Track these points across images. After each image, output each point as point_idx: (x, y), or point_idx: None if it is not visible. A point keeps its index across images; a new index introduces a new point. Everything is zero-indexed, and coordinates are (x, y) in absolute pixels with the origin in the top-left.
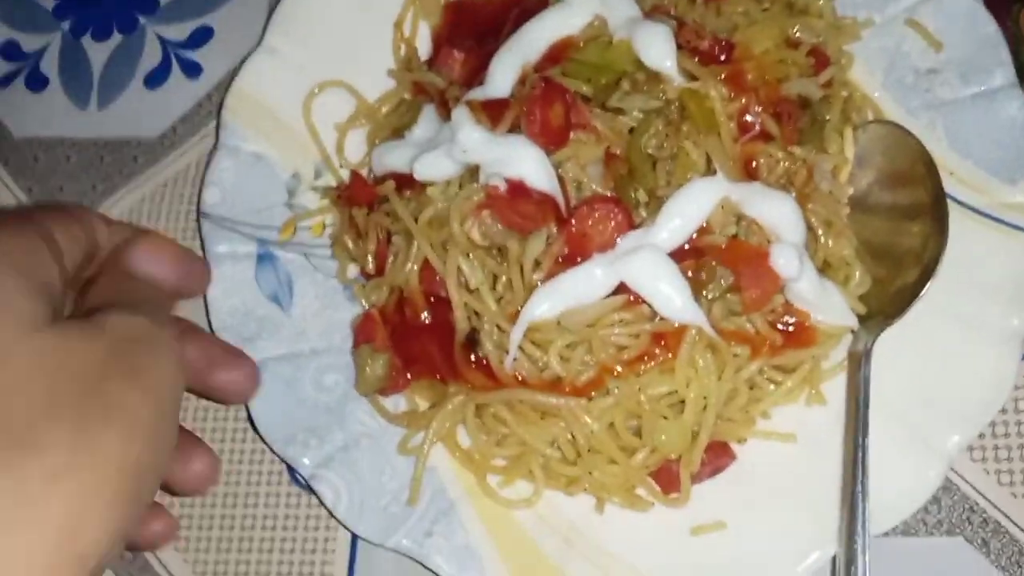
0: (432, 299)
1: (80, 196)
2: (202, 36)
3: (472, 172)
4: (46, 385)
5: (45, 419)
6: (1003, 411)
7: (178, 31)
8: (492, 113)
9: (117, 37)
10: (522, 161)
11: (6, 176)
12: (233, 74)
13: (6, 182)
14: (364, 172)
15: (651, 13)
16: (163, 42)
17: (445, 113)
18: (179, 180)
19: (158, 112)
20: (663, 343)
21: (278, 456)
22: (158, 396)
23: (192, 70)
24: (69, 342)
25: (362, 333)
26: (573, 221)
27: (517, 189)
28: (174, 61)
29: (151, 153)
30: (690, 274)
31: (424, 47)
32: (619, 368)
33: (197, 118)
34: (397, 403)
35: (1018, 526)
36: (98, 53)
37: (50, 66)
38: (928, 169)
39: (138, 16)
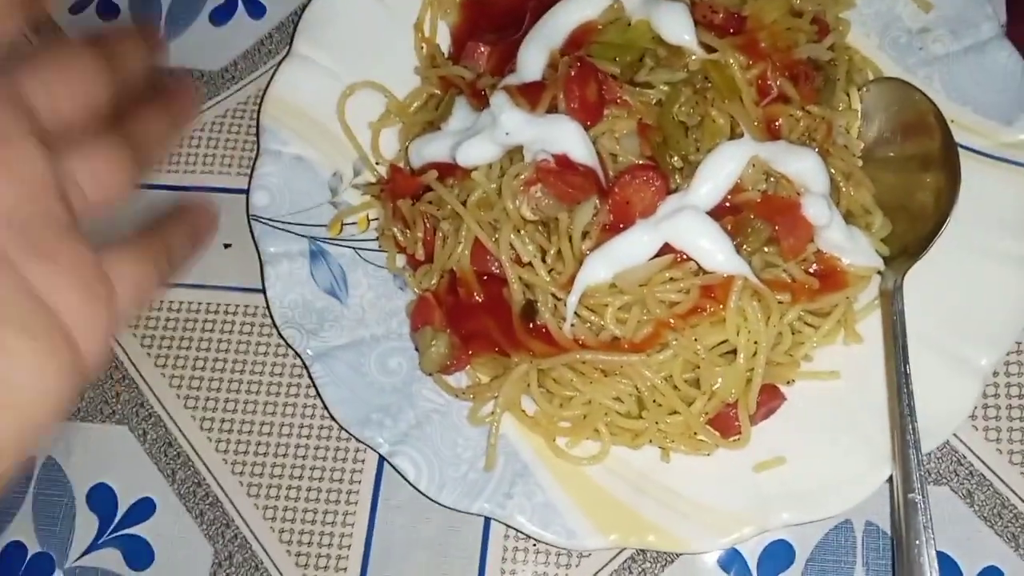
0: (484, 277)
1: None
2: None
3: (512, 155)
4: None
5: None
6: (994, 373)
7: None
8: (529, 96)
9: None
10: (564, 137)
11: None
12: (295, 16)
13: None
14: (400, 166)
15: None
16: None
17: (477, 103)
18: (238, 112)
19: (221, 47)
20: (712, 296)
21: (355, 438)
22: None
23: (257, 10)
24: None
25: (419, 316)
26: (616, 189)
27: (563, 162)
28: (240, 0)
29: (212, 84)
30: (730, 228)
31: (444, 44)
32: (673, 322)
33: (258, 56)
34: (459, 380)
35: (1002, 480)
36: None
37: None
38: (937, 119)
39: None
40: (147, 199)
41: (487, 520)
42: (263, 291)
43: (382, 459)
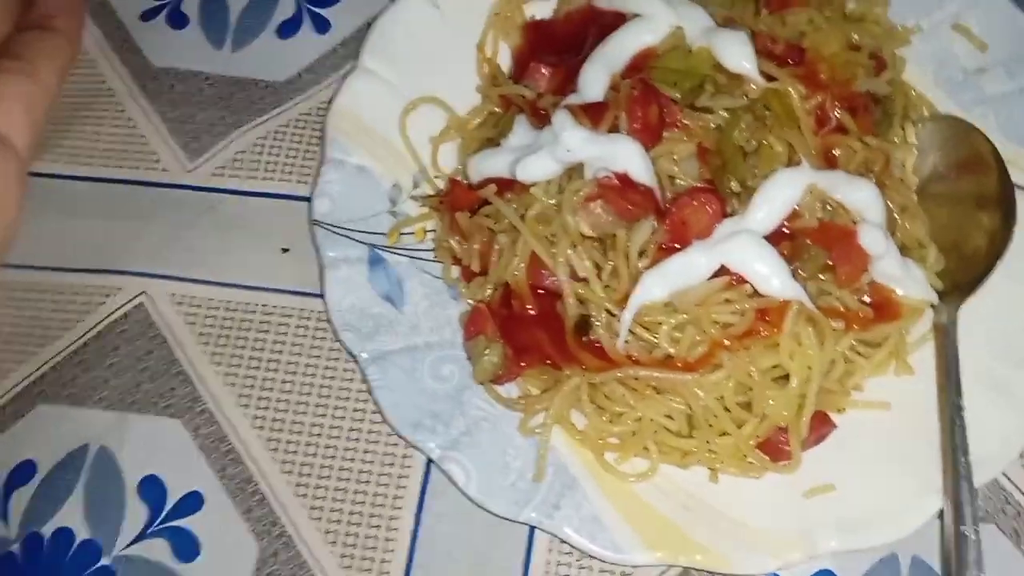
0: (538, 291)
1: (211, 125)
2: None
3: (571, 172)
4: None
5: None
6: None
7: None
8: (592, 115)
9: None
10: (625, 156)
11: (144, 101)
12: (359, 32)
13: (143, 106)
14: (459, 180)
15: (724, 23)
16: None
17: (537, 121)
18: (301, 122)
19: (287, 59)
20: (767, 319)
21: (406, 441)
22: None
23: (321, 25)
24: None
25: (473, 326)
26: (674, 210)
27: (623, 181)
28: (306, 15)
29: (277, 95)
30: (786, 253)
31: (504, 64)
32: (727, 342)
33: (322, 69)
34: (509, 391)
35: None
36: (236, 1)
37: (191, 7)
38: (994, 158)
39: None
40: (209, 202)
41: (531, 532)
42: (320, 295)
43: (428, 466)
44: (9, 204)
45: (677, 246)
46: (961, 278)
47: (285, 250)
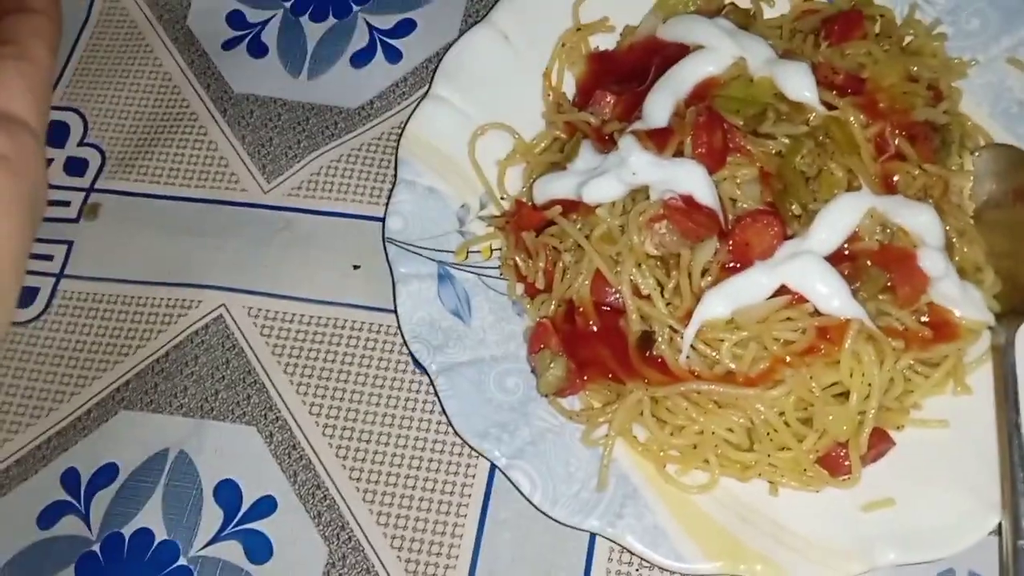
0: (602, 308)
1: (287, 148)
2: (406, 28)
3: (635, 195)
4: None
5: None
6: None
7: (385, 21)
8: (657, 140)
9: (332, 20)
10: (690, 179)
11: (224, 124)
12: (428, 62)
13: (223, 129)
14: (524, 201)
15: (784, 55)
16: (371, 29)
17: (602, 146)
18: (372, 146)
19: (359, 87)
20: (828, 338)
21: (473, 449)
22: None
23: (393, 56)
24: None
25: (537, 340)
26: (737, 231)
27: (689, 202)
28: (379, 46)
29: (349, 121)
30: (847, 274)
31: (569, 92)
32: (789, 359)
33: (392, 97)
34: (572, 403)
35: None
36: (314, 31)
37: (270, 37)
38: None
39: (352, 4)
40: (284, 221)
41: (591, 540)
42: (391, 309)
43: (491, 475)
44: (36, 170)
45: (739, 266)
46: (1018, 301)
47: (356, 267)
